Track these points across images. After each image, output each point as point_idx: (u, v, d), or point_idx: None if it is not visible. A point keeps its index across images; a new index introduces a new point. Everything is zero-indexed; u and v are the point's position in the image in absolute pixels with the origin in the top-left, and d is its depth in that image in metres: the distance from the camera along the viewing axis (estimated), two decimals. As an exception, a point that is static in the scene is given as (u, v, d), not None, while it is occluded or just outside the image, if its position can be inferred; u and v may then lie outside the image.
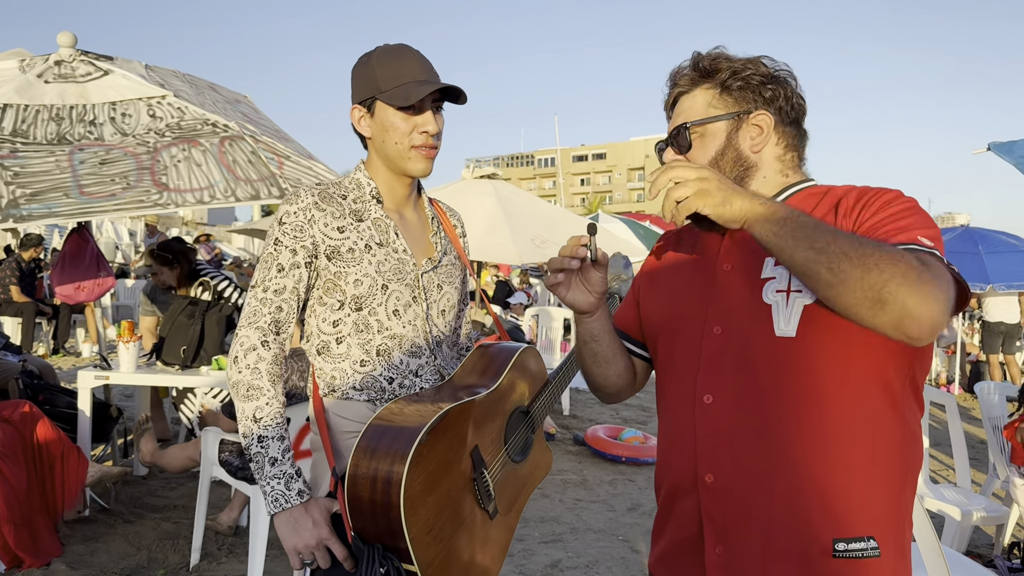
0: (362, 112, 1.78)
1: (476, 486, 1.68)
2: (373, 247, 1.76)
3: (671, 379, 1.51)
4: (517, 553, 4.16)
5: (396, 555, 1.50)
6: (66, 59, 4.10)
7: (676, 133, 1.48)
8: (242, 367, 1.68)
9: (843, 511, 1.30)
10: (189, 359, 4.55)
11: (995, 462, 4.51)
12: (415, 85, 1.71)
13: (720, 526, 1.38)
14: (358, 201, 1.79)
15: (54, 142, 3.69)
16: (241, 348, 1.69)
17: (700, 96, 1.48)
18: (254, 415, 1.66)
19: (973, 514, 3.92)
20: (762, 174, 1.46)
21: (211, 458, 3.73)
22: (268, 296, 1.72)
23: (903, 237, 1.23)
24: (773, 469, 1.32)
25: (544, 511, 4.87)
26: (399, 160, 1.77)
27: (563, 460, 6.05)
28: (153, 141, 3.83)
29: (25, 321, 9.41)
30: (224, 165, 3.80)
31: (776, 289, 1.33)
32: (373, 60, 1.74)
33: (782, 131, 1.46)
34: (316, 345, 1.78)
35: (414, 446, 1.47)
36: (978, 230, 9.96)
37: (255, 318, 1.71)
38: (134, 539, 3.95)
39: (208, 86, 4.91)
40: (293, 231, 1.71)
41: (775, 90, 1.45)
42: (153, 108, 4.02)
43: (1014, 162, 4.41)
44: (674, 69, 1.53)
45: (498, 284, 14.07)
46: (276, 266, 1.72)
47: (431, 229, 1.92)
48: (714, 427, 1.39)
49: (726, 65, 1.45)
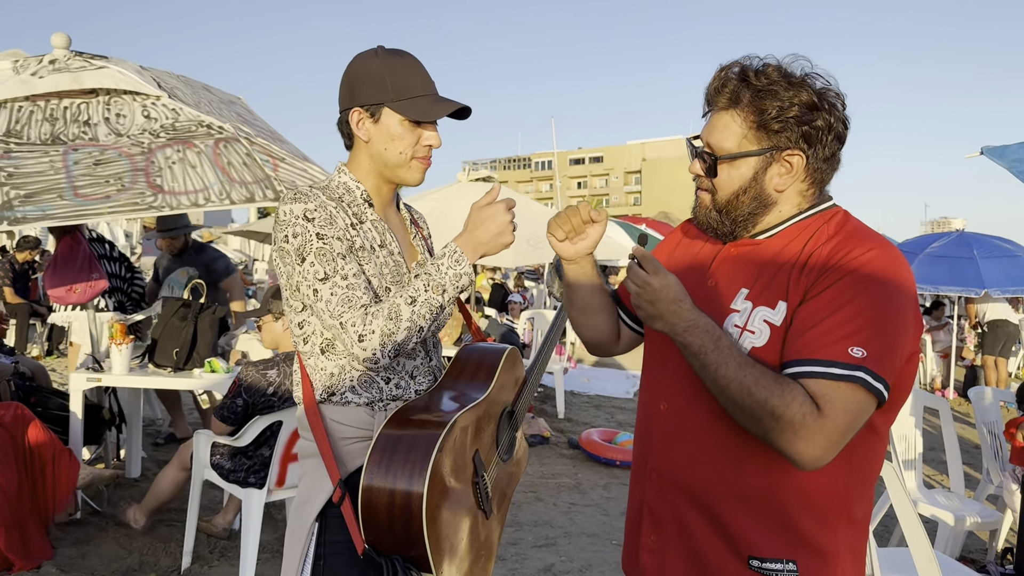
0: (363, 115, 1.74)
1: (477, 489, 1.71)
2: (376, 248, 1.76)
3: (645, 377, 1.66)
4: (510, 557, 4.15)
5: (415, 564, 1.53)
6: (60, 58, 4.09)
7: (708, 157, 1.49)
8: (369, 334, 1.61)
9: (764, 532, 1.41)
10: (182, 361, 4.53)
11: (989, 467, 4.51)
12: (431, 100, 1.74)
13: (656, 517, 1.54)
14: (352, 205, 1.77)
15: (48, 142, 3.68)
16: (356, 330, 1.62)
17: (736, 125, 1.45)
18: (412, 309, 1.63)
19: (966, 519, 3.92)
20: (778, 209, 1.49)
21: (203, 461, 3.72)
22: (351, 281, 1.64)
23: (830, 352, 1.29)
24: (706, 483, 1.45)
25: (538, 515, 4.86)
26: (398, 168, 1.77)
27: (557, 464, 6.04)
28: (148, 142, 3.82)
29: (19, 323, 9.39)
30: (219, 167, 3.79)
31: (735, 323, 1.44)
32: (380, 65, 1.72)
33: (814, 168, 1.45)
34: (320, 344, 1.74)
35: (432, 457, 1.50)
36: (973, 235, 9.99)
37: (353, 301, 1.63)
38: (125, 542, 3.94)
39: (202, 87, 4.90)
40: (325, 223, 1.65)
41: (816, 125, 1.41)
42: (148, 109, 4.00)
43: (1007, 166, 4.42)
44: (722, 68, 1.48)
45: (494, 287, 14.07)
46: (338, 255, 1.65)
47: (411, 232, 1.95)
48: (663, 431, 1.54)
49: (770, 103, 1.40)
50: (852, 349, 1.28)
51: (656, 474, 1.54)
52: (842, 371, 1.28)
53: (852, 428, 1.30)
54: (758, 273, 1.46)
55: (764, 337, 1.39)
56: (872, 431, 1.41)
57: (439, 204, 8.21)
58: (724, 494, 1.43)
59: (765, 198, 1.47)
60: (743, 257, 1.51)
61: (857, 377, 1.27)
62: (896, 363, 1.33)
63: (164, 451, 5.53)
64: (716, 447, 1.45)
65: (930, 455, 6.40)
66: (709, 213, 1.51)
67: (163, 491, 4.04)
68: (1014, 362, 12.23)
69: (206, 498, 4.06)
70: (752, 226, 1.50)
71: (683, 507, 1.49)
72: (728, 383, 1.33)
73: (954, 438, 4.27)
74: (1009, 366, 11.54)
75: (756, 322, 1.41)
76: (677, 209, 37.96)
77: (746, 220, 1.49)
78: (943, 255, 9.52)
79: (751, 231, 1.51)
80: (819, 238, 1.43)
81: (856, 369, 1.27)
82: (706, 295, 1.50)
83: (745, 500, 1.41)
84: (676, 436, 1.51)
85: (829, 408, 1.27)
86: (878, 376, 1.28)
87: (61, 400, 4.63)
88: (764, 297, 1.42)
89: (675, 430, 1.52)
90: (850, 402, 1.28)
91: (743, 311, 1.43)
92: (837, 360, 1.28)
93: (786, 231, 1.48)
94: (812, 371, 1.30)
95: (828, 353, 1.29)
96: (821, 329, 1.32)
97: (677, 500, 1.50)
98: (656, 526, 1.54)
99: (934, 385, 10.70)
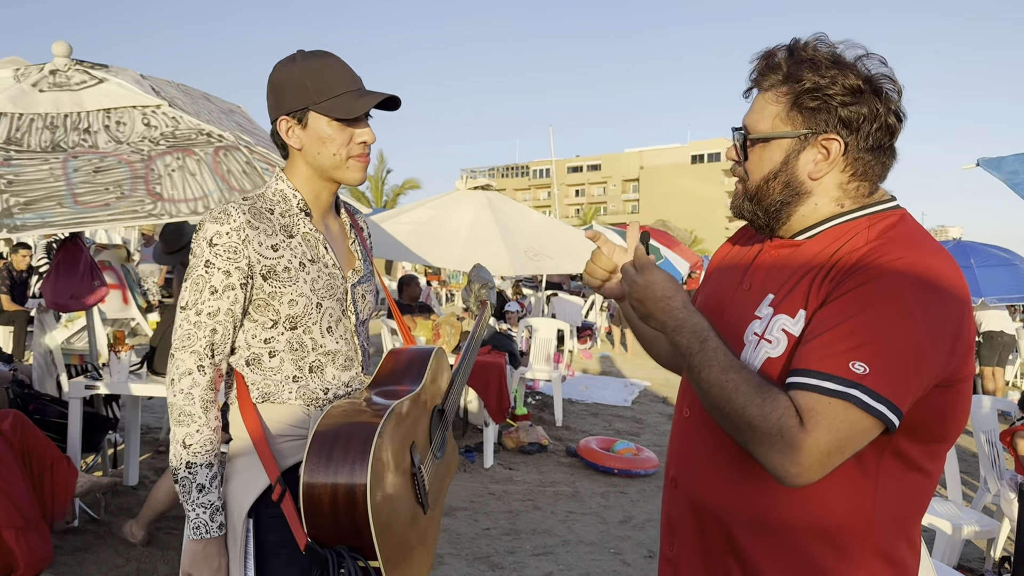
0: (291, 123, 1.72)
1: (416, 481, 1.73)
2: (306, 264, 1.74)
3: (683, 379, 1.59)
4: (508, 565, 4.15)
5: (359, 553, 1.55)
6: (61, 68, 4.10)
7: (737, 136, 1.43)
8: (176, 391, 1.66)
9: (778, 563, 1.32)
10: (181, 369, 4.52)
11: (986, 476, 4.52)
12: (354, 96, 1.70)
13: (673, 527, 1.51)
14: (286, 215, 1.75)
15: (48, 150, 3.69)
16: (176, 372, 1.66)
17: (771, 105, 1.37)
18: (183, 441, 1.66)
19: (964, 528, 3.93)
20: (814, 201, 1.38)
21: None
22: (202, 319, 1.66)
23: (829, 364, 1.19)
24: (721, 503, 1.38)
25: (536, 523, 4.85)
26: (335, 170, 1.75)
27: (555, 472, 6.04)
28: (147, 149, 3.83)
29: (16, 330, 9.37)
30: (219, 175, 3.80)
31: (755, 331, 1.35)
32: (298, 69, 1.69)
33: (854, 158, 1.34)
34: (245, 357, 1.74)
35: (372, 445, 1.53)
36: (971, 243, 10.02)
37: (189, 342, 1.66)
38: (123, 550, 3.93)
39: (202, 96, 4.92)
40: (227, 252, 1.65)
41: (859, 110, 1.30)
42: (148, 117, 4.02)
43: (1003, 178, 4.44)
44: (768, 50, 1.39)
45: (492, 295, 14.03)
46: (208, 288, 1.65)
47: (350, 237, 1.93)
48: (684, 440, 1.51)
49: (808, 76, 1.31)
50: (853, 364, 1.17)
51: (675, 484, 1.51)
52: (835, 386, 1.17)
53: (841, 449, 1.18)
54: (787, 279, 1.37)
55: (781, 347, 1.30)
56: (903, 461, 1.29)
57: (437, 212, 8.23)
58: (738, 518, 1.36)
59: (798, 186, 1.36)
60: (779, 260, 1.42)
61: (850, 395, 1.16)
62: (912, 386, 1.19)
63: (162, 459, 5.52)
64: (730, 467, 1.36)
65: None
66: (742, 203, 1.44)
67: (160, 501, 4.02)
68: (1011, 371, 12.27)
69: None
70: (786, 218, 1.40)
71: (698, 522, 1.44)
72: (709, 387, 1.26)
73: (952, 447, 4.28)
74: (1007, 375, 11.57)
75: (775, 331, 1.32)
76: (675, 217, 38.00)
77: (778, 210, 1.39)
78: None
79: (788, 227, 1.41)
80: (856, 241, 1.31)
81: (852, 387, 1.16)
82: (739, 299, 1.44)
83: (759, 528, 1.33)
84: (693, 447, 1.46)
85: (813, 424, 1.16)
86: (880, 397, 1.16)
87: (59, 408, 4.62)
88: (785, 304, 1.33)
89: (693, 441, 1.47)
90: (839, 421, 1.16)
91: (764, 318, 1.35)
92: (834, 374, 1.18)
93: (828, 232, 1.37)
94: (805, 383, 1.20)
95: (826, 366, 1.19)
96: (825, 339, 1.22)
97: (692, 514, 1.45)
98: (673, 536, 1.51)
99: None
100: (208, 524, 1.66)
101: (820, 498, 1.28)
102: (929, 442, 1.30)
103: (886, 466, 1.28)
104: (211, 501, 1.67)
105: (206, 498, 1.67)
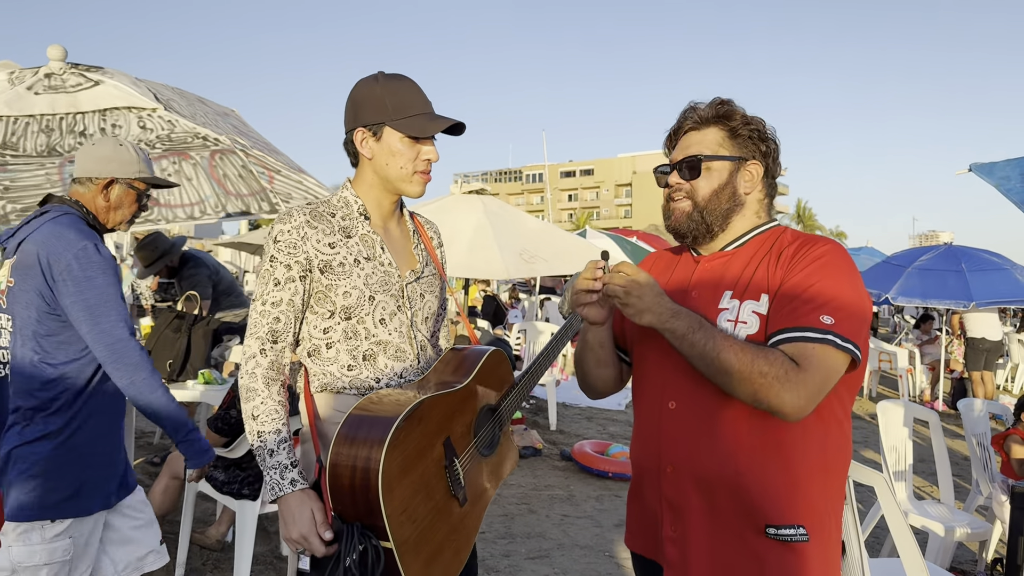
0: (366, 135, 1.89)
1: (448, 473, 1.79)
2: (361, 261, 1.90)
3: (645, 384, 1.84)
4: (504, 569, 4.16)
5: (374, 533, 1.61)
6: (56, 72, 4.10)
7: (689, 162, 1.77)
8: (244, 373, 1.85)
9: (776, 501, 1.61)
10: (175, 373, 4.53)
11: (978, 479, 4.55)
12: (427, 118, 1.88)
13: (676, 508, 1.71)
14: (346, 219, 1.93)
15: (44, 154, 3.69)
16: (244, 356, 1.85)
17: (712, 135, 1.77)
18: (252, 413, 1.83)
19: (956, 530, 3.95)
20: (743, 213, 1.78)
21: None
22: (266, 308, 1.85)
23: (805, 320, 1.57)
24: (720, 464, 1.64)
25: (531, 527, 4.86)
26: (400, 182, 1.92)
27: (550, 475, 6.04)
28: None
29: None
30: (215, 179, 3.81)
31: (727, 319, 1.67)
32: (380, 88, 1.88)
33: (767, 183, 1.79)
34: (307, 348, 1.92)
35: (391, 431, 1.61)
36: (961, 248, 10.07)
37: (255, 329, 1.86)
38: (118, 554, 3.91)
39: (197, 99, 4.92)
40: (287, 248, 1.84)
41: (770, 146, 1.77)
42: (144, 119, 4.02)
43: (995, 183, 4.48)
44: (692, 103, 1.81)
45: (486, 299, 14.09)
46: (272, 281, 1.85)
47: (412, 242, 2.06)
48: (675, 428, 1.72)
49: (739, 116, 1.76)
50: (823, 317, 1.55)
51: (672, 468, 1.71)
52: (815, 335, 1.55)
53: (827, 382, 1.55)
54: (738, 276, 1.72)
55: (755, 325, 1.64)
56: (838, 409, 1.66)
57: (432, 217, 8.19)
58: (739, 473, 1.62)
59: (738, 198, 1.76)
60: (718, 269, 1.76)
61: (828, 339, 1.54)
62: (863, 331, 1.58)
63: (157, 464, 5.50)
64: (727, 432, 1.63)
65: (920, 467, 6.44)
66: (690, 216, 1.77)
67: (155, 505, 4.00)
68: (1002, 374, 12.34)
69: (199, 510, 4.05)
70: (722, 230, 1.77)
71: (702, 493, 1.66)
72: (718, 353, 1.56)
73: (944, 450, 4.31)
74: (998, 378, 11.64)
75: (746, 314, 1.65)
76: (668, 222, 37.74)
77: (723, 220, 1.76)
78: (931, 268, 9.59)
79: (716, 243, 1.79)
80: (782, 242, 1.72)
81: (827, 333, 1.54)
82: (694, 303, 1.73)
83: (758, 476, 1.61)
84: (689, 429, 1.69)
85: (807, 364, 1.53)
86: (846, 339, 1.55)
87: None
88: (748, 293, 1.67)
89: (687, 424, 1.70)
90: (824, 359, 1.54)
91: (731, 308, 1.68)
92: (811, 326, 1.55)
93: (753, 240, 1.77)
94: (791, 336, 1.56)
95: (803, 322, 1.56)
96: (795, 304, 1.59)
97: (696, 488, 1.67)
98: (676, 517, 1.71)
99: (923, 397, 10.76)
100: (280, 483, 1.78)
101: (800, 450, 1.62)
102: (851, 389, 1.67)
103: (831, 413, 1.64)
104: (279, 462, 1.80)
105: (275, 460, 1.80)
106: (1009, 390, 11.93)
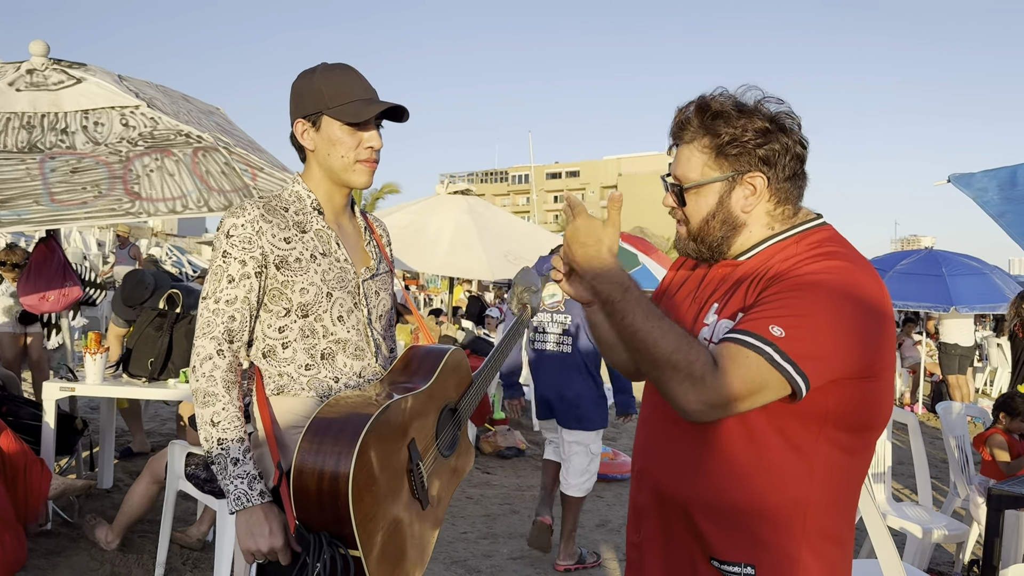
0: (306, 126, 1.85)
1: (412, 477, 1.76)
2: (318, 256, 1.85)
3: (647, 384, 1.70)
4: (485, 569, 4.16)
5: (341, 541, 1.58)
6: (38, 67, 4.07)
7: (673, 187, 1.59)
8: (199, 375, 1.76)
9: (725, 536, 1.47)
10: (156, 371, 4.50)
11: (956, 481, 4.59)
12: (363, 103, 1.82)
13: (639, 514, 1.64)
14: (300, 213, 1.88)
15: (25, 150, 3.66)
16: (197, 358, 1.77)
17: (697, 156, 1.53)
18: (212, 419, 1.75)
19: (934, 532, 3.99)
20: (748, 230, 1.56)
21: (177, 472, 3.69)
22: (220, 307, 1.78)
23: (752, 325, 1.36)
24: (675, 481, 1.53)
25: (513, 527, 4.87)
26: (343, 172, 1.86)
27: (532, 476, 6.04)
28: (126, 150, 3.81)
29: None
30: (197, 175, 3.78)
31: (704, 337, 1.51)
32: (317, 77, 1.83)
33: (776, 188, 1.52)
34: (261, 349, 1.85)
35: (360, 437, 1.56)
36: (942, 252, 10.16)
37: (209, 328, 1.77)
38: (97, 553, 3.88)
39: (181, 97, 4.89)
40: (242, 243, 1.77)
41: (772, 148, 1.49)
42: (126, 117, 4.00)
43: (973, 195, 4.53)
44: (680, 108, 1.57)
45: (471, 300, 14.08)
46: (226, 277, 1.78)
47: (365, 239, 2.03)
48: (649, 435, 1.64)
49: (725, 129, 1.49)
50: (772, 327, 1.33)
51: (640, 474, 1.65)
52: (751, 340, 1.33)
53: (744, 397, 1.33)
54: (728, 290, 1.55)
55: None
56: (834, 447, 1.44)
57: (417, 217, 8.23)
58: (690, 498, 1.51)
59: (734, 220, 1.54)
60: (723, 278, 1.59)
61: (763, 350, 1.32)
62: (823, 363, 1.34)
63: (136, 462, 5.47)
64: (689, 458, 1.51)
65: (899, 469, 6.49)
66: (687, 244, 1.61)
67: (134, 507, 3.97)
68: (981, 378, 12.45)
69: (179, 510, 4.02)
70: (728, 248, 1.57)
71: (660, 506, 1.58)
72: (635, 331, 1.37)
73: (923, 452, 4.35)
74: (977, 382, 11.75)
75: (719, 334, 1.47)
76: (653, 224, 38.14)
77: (720, 244, 1.56)
78: (912, 272, 9.67)
79: (731, 252, 1.58)
80: (786, 254, 1.49)
81: (766, 344, 1.32)
82: (688, 312, 1.61)
83: (707, 506, 1.48)
84: (653, 438, 1.62)
85: (724, 365, 1.33)
86: (788, 358, 1.31)
87: (33, 410, 4.57)
88: (726, 311, 1.51)
89: (652, 432, 1.63)
90: (748, 369, 1.32)
91: (711, 325, 1.52)
92: (753, 331, 1.35)
93: (764, 251, 1.54)
94: (729, 337, 1.37)
95: (749, 327, 1.36)
96: (753, 313, 1.40)
97: (655, 500, 1.59)
98: (639, 523, 1.64)
99: (903, 400, 10.85)
100: (248, 493, 1.72)
101: (762, 481, 1.44)
102: (857, 430, 1.46)
103: (820, 452, 1.43)
104: (247, 471, 1.73)
105: (241, 469, 1.73)
106: (988, 394, 12.03)
